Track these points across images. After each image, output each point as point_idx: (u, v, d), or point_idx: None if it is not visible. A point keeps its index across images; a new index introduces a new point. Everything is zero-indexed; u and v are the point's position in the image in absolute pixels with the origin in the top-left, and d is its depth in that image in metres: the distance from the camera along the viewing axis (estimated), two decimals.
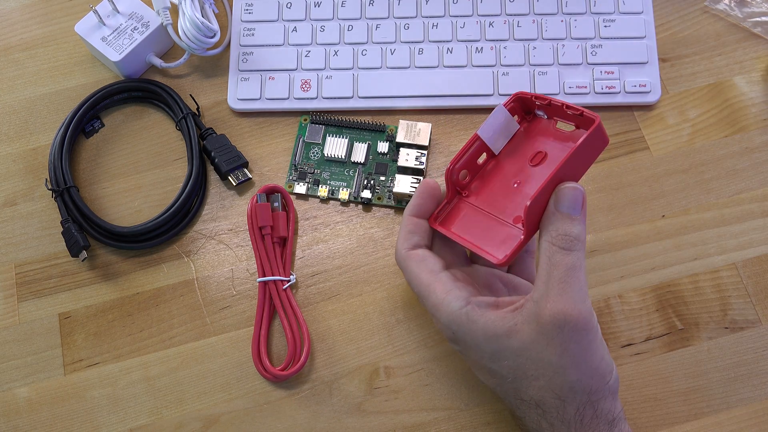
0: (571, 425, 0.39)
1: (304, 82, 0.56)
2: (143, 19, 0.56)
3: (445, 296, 0.41)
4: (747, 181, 0.53)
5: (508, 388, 0.41)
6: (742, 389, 0.48)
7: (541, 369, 0.39)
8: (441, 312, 0.41)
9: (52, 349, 0.50)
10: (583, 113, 0.42)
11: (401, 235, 0.45)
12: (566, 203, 0.39)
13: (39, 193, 0.55)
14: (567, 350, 0.38)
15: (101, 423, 0.48)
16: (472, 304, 0.41)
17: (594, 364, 0.39)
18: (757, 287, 0.50)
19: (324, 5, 0.58)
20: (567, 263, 0.38)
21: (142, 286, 0.52)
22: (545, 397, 0.39)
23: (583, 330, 0.38)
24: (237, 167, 0.54)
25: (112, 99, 0.57)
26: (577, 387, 0.38)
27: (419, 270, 0.43)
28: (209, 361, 0.50)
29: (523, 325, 0.39)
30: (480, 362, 0.41)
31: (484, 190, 0.46)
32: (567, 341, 0.38)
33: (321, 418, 0.48)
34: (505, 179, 0.46)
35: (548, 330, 0.38)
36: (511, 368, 0.40)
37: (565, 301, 0.38)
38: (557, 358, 0.38)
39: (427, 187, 0.46)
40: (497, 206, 0.45)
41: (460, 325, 0.41)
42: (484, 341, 0.40)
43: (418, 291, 0.43)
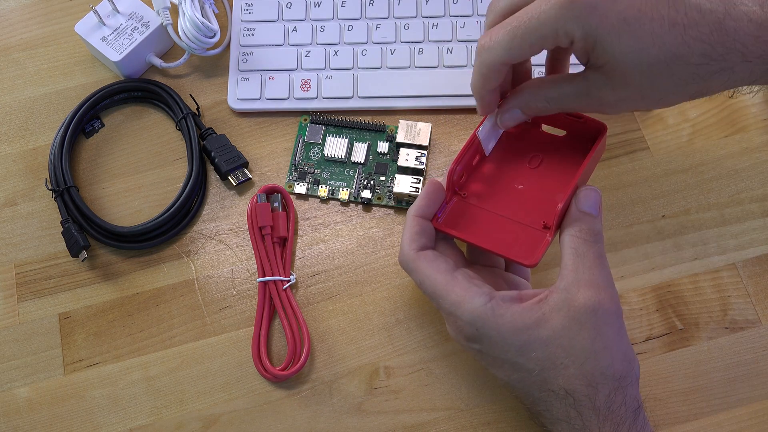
0: (600, 412, 0.39)
1: (304, 82, 0.56)
2: (143, 19, 0.56)
3: (465, 293, 0.41)
4: (747, 181, 0.53)
5: (534, 381, 0.41)
6: (742, 389, 0.48)
7: (573, 356, 0.39)
8: (463, 310, 0.41)
9: (52, 349, 0.50)
10: (585, 119, 0.45)
11: (407, 236, 0.44)
12: (588, 204, 0.42)
13: (39, 193, 0.55)
14: (600, 334, 0.39)
15: (101, 423, 0.48)
16: (496, 299, 0.41)
17: (623, 349, 0.40)
18: (757, 287, 0.50)
19: (324, 5, 0.58)
20: (595, 252, 0.41)
21: (142, 286, 0.52)
22: (576, 385, 0.39)
23: (614, 314, 0.40)
24: (237, 167, 0.54)
25: (112, 99, 0.57)
26: (608, 372, 0.39)
27: (432, 270, 0.43)
28: (209, 361, 0.50)
29: (552, 313, 0.39)
30: (504, 357, 0.41)
31: (486, 191, 0.47)
32: (600, 325, 0.39)
33: (321, 418, 0.48)
34: (507, 181, 0.47)
35: (581, 315, 0.39)
36: (540, 359, 0.40)
37: (597, 286, 0.40)
38: (590, 343, 0.39)
39: (434, 188, 0.45)
40: (507, 208, 0.46)
41: (485, 321, 0.40)
42: (512, 334, 0.40)
43: (432, 291, 0.42)
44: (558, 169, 0.46)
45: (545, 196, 0.45)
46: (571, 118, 0.46)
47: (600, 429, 0.39)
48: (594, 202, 0.43)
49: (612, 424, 0.39)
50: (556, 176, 0.46)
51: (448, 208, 0.46)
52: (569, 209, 0.43)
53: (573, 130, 0.47)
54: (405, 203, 0.53)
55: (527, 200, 0.46)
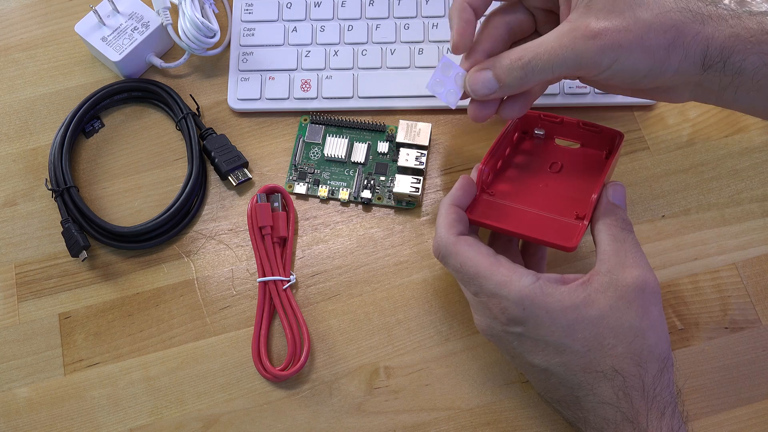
0: (648, 394, 0.39)
1: (304, 82, 0.56)
2: (143, 19, 0.56)
3: (512, 273, 0.41)
4: (747, 181, 0.53)
5: (578, 363, 0.40)
6: (742, 389, 0.48)
7: (621, 335, 0.40)
8: (510, 289, 0.41)
9: (52, 349, 0.50)
10: (602, 130, 0.46)
11: (444, 222, 0.44)
12: (619, 197, 0.44)
13: (39, 193, 0.55)
14: (647, 312, 0.40)
15: (101, 423, 0.48)
16: (543, 279, 0.41)
17: (665, 330, 0.41)
18: (757, 287, 0.50)
19: (324, 5, 0.58)
20: (633, 239, 0.42)
21: (142, 286, 0.52)
22: (625, 364, 0.40)
23: (658, 293, 0.41)
24: (237, 167, 0.54)
25: (112, 99, 0.57)
26: (655, 350, 0.40)
27: (475, 252, 0.42)
28: (209, 361, 0.50)
29: (598, 294, 0.40)
30: (549, 338, 0.40)
31: (512, 191, 0.48)
32: (647, 303, 0.40)
33: (321, 418, 0.48)
34: (532, 183, 0.48)
35: (629, 293, 0.40)
36: (587, 339, 0.40)
37: (641, 267, 0.41)
38: (638, 321, 0.40)
39: (468, 181, 0.46)
40: (536, 204, 0.46)
41: (533, 300, 0.40)
42: (560, 313, 0.40)
43: (476, 272, 0.42)
44: (578, 175, 0.48)
45: (572, 194, 0.47)
46: (586, 129, 0.47)
47: (648, 412, 0.39)
48: (622, 195, 0.44)
49: (657, 407, 0.39)
50: (578, 180, 0.47)
51: (478, 204, 0.47)
52: (599, 202, 0.44)
53: (588, 142, 0.48)
54: (405, 203, 0.53)
55: (554, 197, 0.47)
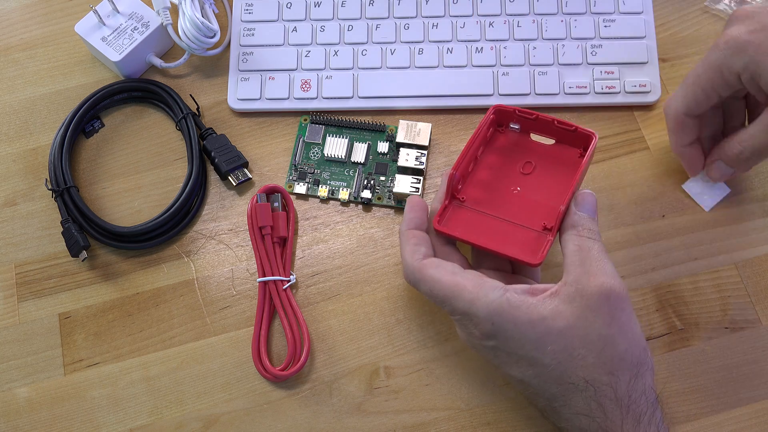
0: (622, 403, 0.39)
1: (304, 82, 0.56)
2: (143, 19, 0.56)
3: (479, 290, 0.41)
4: (747, 181, 0.53)
5: (551, 375, 0.40)
6: (742, 389, 0.48)
7: (590, 344, 0.40)
8: (478, 306, 0.41)
9: (52, 349, 0.50)
10: (577, 129, 0.46)
11: (407, 249, 0.45)
12: (587, 207, 0.44)
13: (39, 193, 0.55)
14: (614, 318, 0.40)
15: (101, 423, 0.48)
16: (510, 291, 0.41)
17: (637, 334, 0.41)
18: (757, 287, 0.50)
19: (324, 5, 0.58)
20: (598, 247, 0.42)
21: (142, 286, 0.52)
22: (596, 374, 0.39)
23: (625, 299, 0.41)
24: (237, 167, 0.54)
25: (112, 99, 0.57)
26: (626, 357, 0.40)
27: (440, 274, 0.43)
28: (209, 361, 0.50)
29: (565, 305, 0.40)
30: (520, 352, 0.41)
31: (483, 196, 0.47)
32: (614, 309, 0.40)
33: (321, 418, 0.48)
34: (503, 186, 0.48)
35: (594, 302, 0.40)
36: (556, 352, 0.40)
37: (606, 274, 0.41)
38: (606, 328, 0.40)
39: (415, 201, 0.47)
40: (505, 211, 0.46)
41: (502, 314, 0.40)
42: (529, 326, 0.40)
43: (444, 295, 0.42)
44: (551, 175, 0.48)
45: (542, 200, 0.47)
46: (560, 127, 0.47)
47: (622, 421, 0.39)
48: (591, 205, 0.44)
49: (633, 415, 0.39)
50: (550, 181, 0.47)
51: (447, 213, 0.47)
52: (567, 213, 0.44)
53: (562, 138, 0.48)
54: (405, 203, 0.53)
55: (524, 203, 0.47)
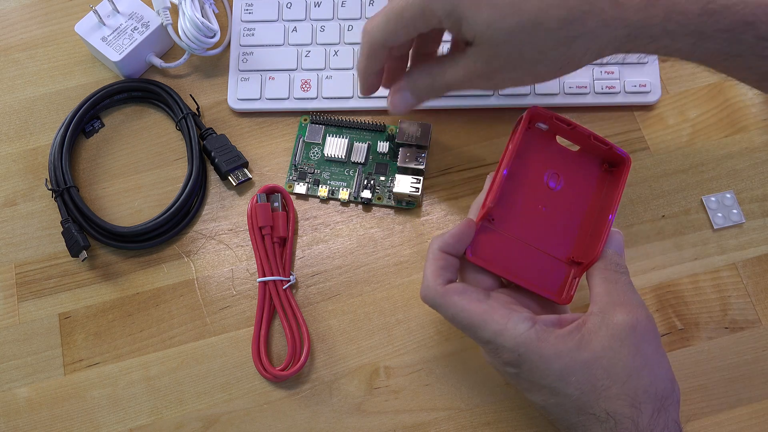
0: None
1: (304, 82, 0.56)
2: (143, 19, 0.56)
3: (507, 321, 0.40)
4: (747, 181, 0.53)
5: (572, 405, 0.40)
6: (742, 389, 0.48)
7: (614, 375, 0.39)
8: (505, 337, 0.40)
9: (52, 349, 0.50)
10: (612, 148, 0.45)
11: (431, 270, 0.43)
12: (615, 244, 0.44)
13: (39, 193, 0.55)
14: (640, 351, 0.39)
15: (101, 423, 0.48)
16: (539, 324, 0.40)
17: (664, 368, 0.40)
18: (757, 287, 0.50)
19: (324, 5, 0.58)
20: (626, 280, 0.42)
21: (142, 286, 0.52)
22: (618, 406, 0.39)
23: (652, 332, 0.40)
24: (237, 167, 0.54)
25: (112, 99, 0.57)
26: (651, 390, 0.39)
27: (466, 302, 0.41)
28: (209, 361, 0.50)
29: (591, 336, 0.39)
30: (543, 382, 0.40)
31: (511, 214, 0.45)
32: (639, 342, 0.39)
33: (321, 418, 0.48)
34: (529, 203, 0.46)
35: (620, 332, 0.39)
36: (580, 383, 0.39)
37: (632, 305, 0.40)
38: (631, 359, 0.39)
39: (467, 228, 0.44)
40: (533, 234, 0.45)
41: (528, 347, 0.40)
42: (555, 358, 0.39)
43: (469, 323, 0.41)
44: (577, 192, 0.46)
45: (569, 223, 0.45)
46: (596, 143, 0.45)
47: None
48: (619, 243, 0.44)
49: None
50: (579, 199, 0.46)
51: (478, 238, 0.44)
52: None
53: (587, 146, 0.46)
54: (405, 203, 0.53)
55: (551, 227, 0.45)
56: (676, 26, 0.39)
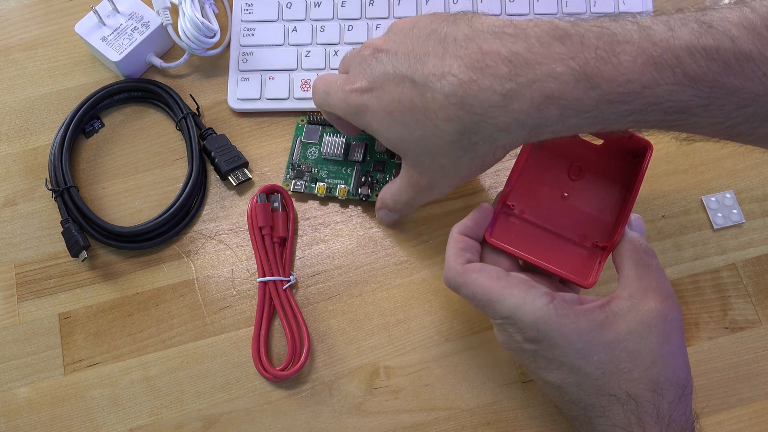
0: (663, 421, 0.38)
1: (304, 82, 0.56)
2: (143, 19, 0.56)
3: (525, 295, 0.40)
4: (747, 181, 0.53)
5: (592, 385, 0.40)
6: (742, 389, 0.48)
7: (638, 360, 0.39)
8: (524, 312, 0.40)
9: (52, 349, 0.50)
10: (633, 136, 0.44)
11: (452, 251, 0.43)
12: (639, 228, 0.45)
13: (39, 193, 0.55)
14: (668, 339, 0.39)
15: (101, 423, 0.48)
16: (558, 300, 0.40)
17: (686, 357, 0.41)
18: (757, 287, 0.50)
19: (324, 5, 0.58)
20: (657, 265, 0.42)
21: (142, 286, 0.52)
22: (640, 390, 0.39)
23: (680, 322, 0.41)
24: (237, 167, 0.54)
25: (112, 99, 0.57)
26: (674, 378, 0.39)
27: (484, 278, 0.42)
28: (209, 361, 0.50)
29: (617, 318, 0.40)
30: (563, 359, 0.40)
31: (532, 202, 0.46)
32: (670, 330, 0.40)
33: (321, 418, 0.48)
34: (551, 191, 0.46)
35: (650, 320, 0.40)
36: (602, 362, 0.39)
37: (665, 294, 0.41)
38: (658, 347, 0.39)
39: (484, 213, 0.45)
40: (554, 221, 0.45)
41: (548, 322, 0.40)
42: (575, 335, 0.39)
43: (488, 299, 0.41)
44: (600, 182, 0.46)
45: (591, 211, 0.46)
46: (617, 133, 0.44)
47: None
48: (641, 228, 0.45)
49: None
50: (599, 189, 0.46)
51: (498, 222, 0.45)
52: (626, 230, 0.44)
53: (612, 141, 0.46)
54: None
55: (573, 214, 0.45)
56: (575, 119, 0.38)
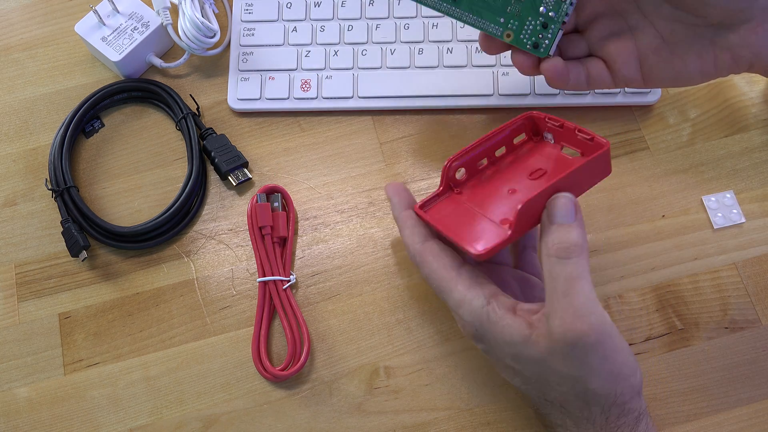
0: (597, 423, 0.39)
1: (304, 82, 0.56)
2: (143, 19, 0.56)
3: (467, 293, 0.41)
4: (747, 181, 0.53)
5: (532, 387, 0.41)
6: (742, 389, 0.48)
7: (561, 379, 0.38)
8: (464, 309, 0.41)
9: (52, 349, 0.50)
10: (594, 138, 0.43)
11: (408, 230, 0.44)
12: (558, 213, 0.39)
13: (39, 193, 0.55)
14: (584, 363, 0.37)
15: (101, 423, 0.48)
16: (493, 304, 0.40)
17: (615, 370, 0.38)
18: (757, 287, 0.50)
19: (324, 5, 0.58)
20: (566, 274, 0.37)
21: (142, 286, 0.52)
22: (569, 401, 0.39)
23: (596, 342, 0.37)
24: (237, 167, 0.54)
25: (112, 99, 0.57)
26: (601, 391, 0.38)
27: (438, 265, 0.42)
28: (209, 361, 0.50)
29: (539, 338, 0.38)
30: (503, 361, 0.41)
31: (478, 191, 0.47)
32: (583, 355, 0.37)
33: (321, 418, 0.48)
34: (501, 186, 0.46)
35: (561, 348, 0.37)
36: (533, 373, 0.40)
37: (572, 316, 0.36)
38: (576, 371, 0.38)
39: (394, 186, 0.47)
40: (487, 207, 0.45)
41: (482, 324, 0.40)
42: (505, 344, 0.40)
43: (437, 286, 0.42)
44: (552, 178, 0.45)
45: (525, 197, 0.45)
46: (581, 136, 0.44)
47: None
48: (565, 209, 0.39)
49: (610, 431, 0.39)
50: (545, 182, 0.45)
51: (437, 200, 0.46)
52: (542, 223, 0.40)
53: (587, 151, 0.45)
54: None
55: (509, 202, 0.45)
56: None
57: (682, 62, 0.44)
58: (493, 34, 0.45)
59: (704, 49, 0.42)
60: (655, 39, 0.44)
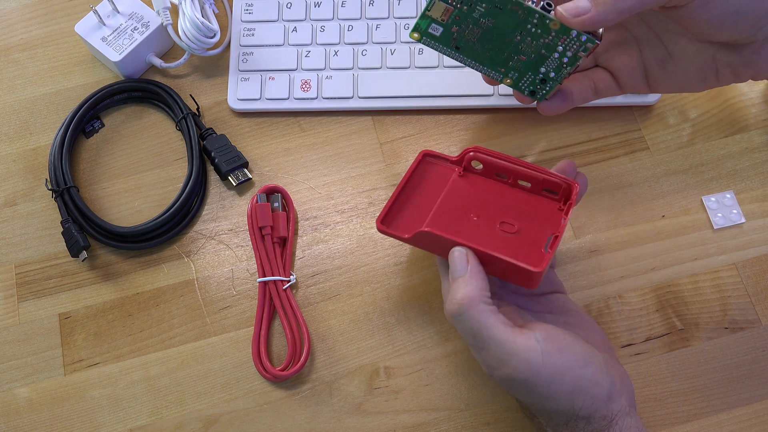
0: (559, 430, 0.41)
1: (304, 82, 0.56)
2: (143, 19, 0.56)
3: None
4: (747, 181, 0.53)
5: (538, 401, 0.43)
6: (742, 389, 0.48)
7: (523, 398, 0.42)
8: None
9: (52, 349, 0.50)
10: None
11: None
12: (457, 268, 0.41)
13: (39, 193, 0.55)
14: (532, 392, 0.39)
15: (101, 423, 0.48)
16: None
17: (568, 389, 0.39)
18: (757, 287, 0.50)
19: (324, 5, 0.58)
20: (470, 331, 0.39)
21: (142, 286, 0.52)
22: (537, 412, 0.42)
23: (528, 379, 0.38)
24: (237, 167, 0.54)
25: (112, 99, 0.57)
26: (558, 410, 0.40)
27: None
28: (209, 361, 0.50)
29: None
30: None
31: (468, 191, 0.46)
32: (526, 388, 0.39)
33: (321, 418, 0.48)
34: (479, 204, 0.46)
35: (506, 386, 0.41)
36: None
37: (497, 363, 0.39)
38: (527, 398, 0.41)
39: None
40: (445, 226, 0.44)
41: None
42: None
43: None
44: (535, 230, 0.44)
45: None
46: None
47: None
48: (460, 265, 0.40)
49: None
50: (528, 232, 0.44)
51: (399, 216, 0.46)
52: None
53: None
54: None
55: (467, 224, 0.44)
56: None
57: (684, 74, 0.44)
58: (493, 78, 0.46)
59: (707, 64, 0.43)
60: (659, 51, 0.44)
